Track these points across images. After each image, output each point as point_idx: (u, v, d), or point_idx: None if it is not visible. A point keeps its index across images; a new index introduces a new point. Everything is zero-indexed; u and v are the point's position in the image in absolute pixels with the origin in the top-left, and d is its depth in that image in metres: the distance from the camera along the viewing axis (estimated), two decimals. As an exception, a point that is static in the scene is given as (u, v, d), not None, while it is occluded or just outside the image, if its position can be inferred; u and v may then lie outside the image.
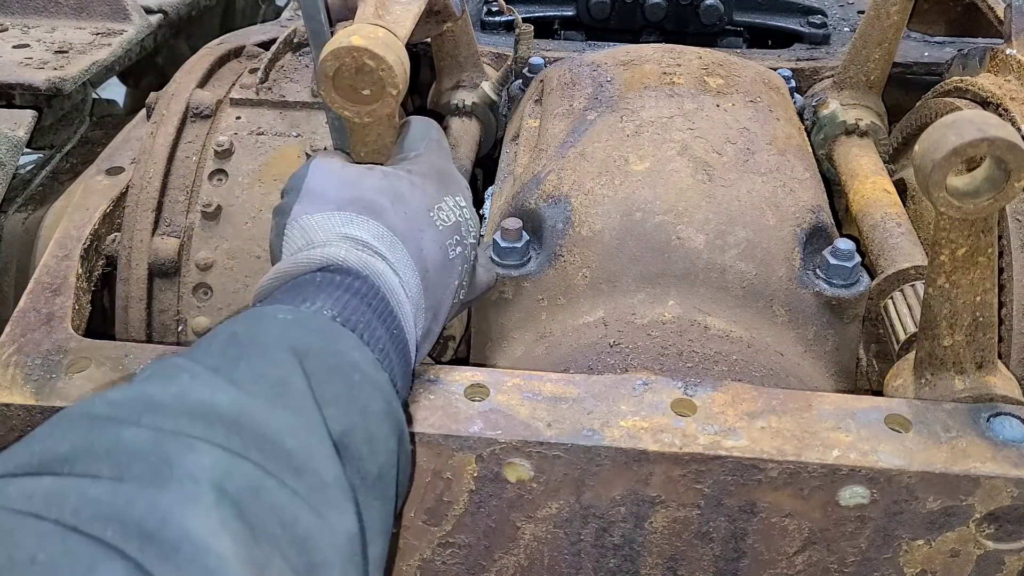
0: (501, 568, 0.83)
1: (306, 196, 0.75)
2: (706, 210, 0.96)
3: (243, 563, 0.48)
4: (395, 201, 0.76)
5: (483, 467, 0.78)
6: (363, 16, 0.81)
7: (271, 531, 0.51)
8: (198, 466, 0.51)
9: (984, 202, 0.72)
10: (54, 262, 1.02)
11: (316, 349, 0.63)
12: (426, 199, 0.78)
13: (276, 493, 0.53)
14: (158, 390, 0.55)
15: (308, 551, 0.53)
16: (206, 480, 0.50)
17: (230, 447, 0.53)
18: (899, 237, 1.08)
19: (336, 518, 0.56)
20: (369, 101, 0.78)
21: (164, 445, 0.51)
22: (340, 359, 0.64)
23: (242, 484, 0.51)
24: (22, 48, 1.42)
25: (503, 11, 1.49)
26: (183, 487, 0.49)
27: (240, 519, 0.50)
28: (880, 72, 1.29)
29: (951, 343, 0.83)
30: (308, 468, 0.56)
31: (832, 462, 0.75)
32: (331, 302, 0.68)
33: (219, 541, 0.48)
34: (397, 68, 0.76)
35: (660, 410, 0.79)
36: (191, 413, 0.54)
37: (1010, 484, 0.75)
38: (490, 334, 1.00)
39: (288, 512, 0.53)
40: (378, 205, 0.75)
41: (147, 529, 0.46)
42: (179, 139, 1.16)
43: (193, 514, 0.48)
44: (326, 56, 0.75)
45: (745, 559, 0.81)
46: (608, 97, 1.11)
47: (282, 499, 0.53)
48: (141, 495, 0.48)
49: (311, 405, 0.60)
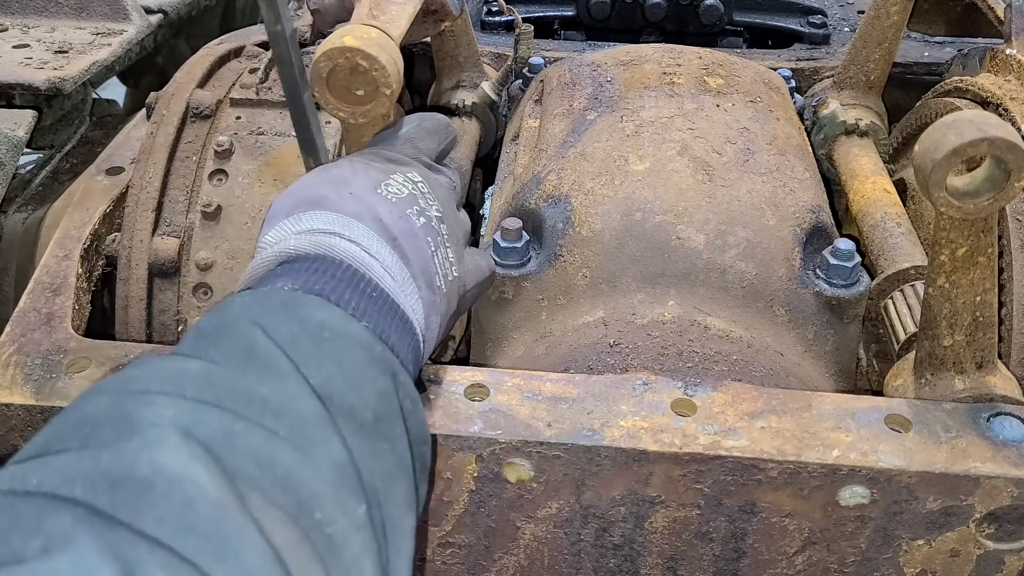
0: (501, 568, 0.83)
1: (266, 222, 0.76)
2: (706, 210, 0.96)
3: (222, 490, 0.47)
4: (337, 186, 0.75)
5: (483, 467, 0.78)
6: (358, 16, 0.81)
7: (248, 473, 0.50)
8: (159, 416, 0.50)
9: (984, 202, 0.72)
10: (54, 262, 1.02)
11: (277, 319, 0.62)
12: (369, 179, 0.77)
13: (248, 436, 0.52)
14: (129, 371, 0.56)
15: (292, 489, 0.52)
16: (169, 425, 0.49)
17: (197, 398, 0.53)
18: (899, 237, 1.08)
19: (320, 451, 0.55)
20: (363, 102, 0.78)
21: (125, 405, 0.51)
22: (305, 322, 0.63)
23: (209, 431, 0.50)
24: (22, 48, 1.42)
25: (503, 11, 1.49)
26: (146, 434, 0.48)
27: (211, 457, 0.49)
28: (880, 72, 1.29)
29: (951, 343, 0.83)
30: (285, 409, 0.55)
31: (832, 462, 0.75)
32: (290, 281, 0.67)
33: (193, 471, 0.47)
34: (390, 68, 0.76)
35: (660, 410, 0.79)
36: (159, 378, 0.54)
37: (1010, 484, 0.75)
38: (490, 334, 1.00)
39: (264, 453, 0.52)
40: (321, 196, 0.74)
41: (115, 477, 0.45)
42: (179, 139, 1.16)
43: (161, 452, 0.47)
44: (319, 57, 0.75)
45: (745, 559, 0.81)
46: (608, 97, 1.11)
47: (256, 441, 0.52)
48: (104, 452, 0.47)
49: (282, 359, 0.59)
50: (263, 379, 0.57)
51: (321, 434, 0.56)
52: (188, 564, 0.43)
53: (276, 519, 0.49)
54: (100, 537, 0.41)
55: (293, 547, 0.49)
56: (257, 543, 0.47)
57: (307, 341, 0.61)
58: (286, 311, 0.63)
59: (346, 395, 0.60)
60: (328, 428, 0.57)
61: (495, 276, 0.94)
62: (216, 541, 0.44)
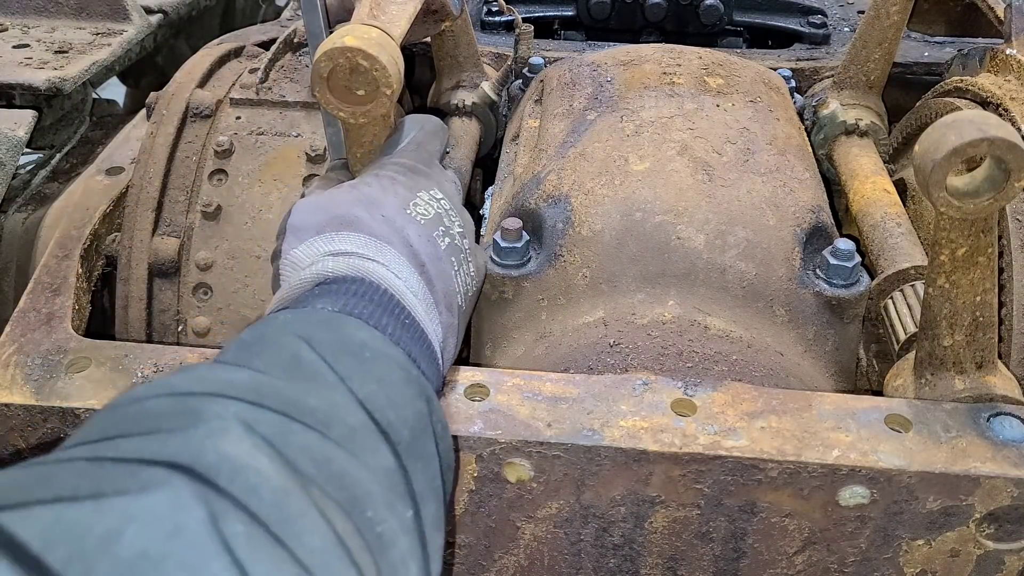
0: (501, 568, 0.83)
1: (291, 233, 0.77)
2: (706, 210, 0.96)
3: (284, 479, 0.49)
4: (369, 208, 0.77)
5: (483, 467, 0.78)
6: (358, 16, 0.81)
7: (305, 469, 0.51)
8: (224, 410, 0.52)
9: (984, 202, 0.72)
10: (54, 262, 1.02)
11: (321, 335, 0.64)
12: (398, 199, 0.78)
13: (304, 435, 0.54)
14: (175, 378, 0.57)
15: (347, 486, 0.53)
16: (233, 418, 0.51)
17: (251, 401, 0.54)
18: (899, 237, 1.08)
19: (370, 457, 0.57)
20: (364, 101, 0.78)
21: (188, 403, 0.52)
22: (347, 342, 0.64)
23: (268, 428, 0.52)
24: (22, 48, 1.42)
25: (503, 11, 1.49)
26: (211, 424, 0.50)
27: (272, 450, 0.50)
28: (880, 72, 1.29)
29: (951, 343, 0.83)
30: (335, 419, 0.57)
31: (832, 462, 0.75)
32: (330, 302, 0.69)
33: (256, 460, 0.48)
34: (391, 68, 0.76)
35: (660, 410, 0.79)
36: (210, 384, 0.55)
37: (1010, 484, 0.75)
38: (490, 334, 1.00)
39: (320, 451, 0.53)
40: (353, 216, 0.76)
41: (183, 464, 0.46)
42: (179, 139, 1.16)
43: (226, 442, 0.49)
44: (320, 57, 0.75)
45: (745, 559, 0.81)
46: (608, 97, 1.11)
47: (311, 440, 0.54)
48: (172, 439, 0.48)
49: (328, 372, 0.60)
50: (310, 390, 0.58)
51: (370, 442, 0.58)
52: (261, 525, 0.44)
53: (334, 510, 0.51)
54: (191, 485, 0.44)
55: (350, 537, 0.50)
56: (320, 527, 0.48)
57: (349, 358, 0.63)
58: (329, 328, 0.65)
59: (386, 412, 0.61)
60: (376, 437, 0.59)
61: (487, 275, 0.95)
62: (280, 524, 0.45)
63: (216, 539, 0.41)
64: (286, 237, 0.77)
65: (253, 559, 0.42)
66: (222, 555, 0.40)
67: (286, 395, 0.56)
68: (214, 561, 0.40)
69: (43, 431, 0.82)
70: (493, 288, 0.97)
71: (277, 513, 0.46)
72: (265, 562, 0.43)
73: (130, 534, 0.39)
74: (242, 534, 0.43)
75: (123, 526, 0.39)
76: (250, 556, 0.42)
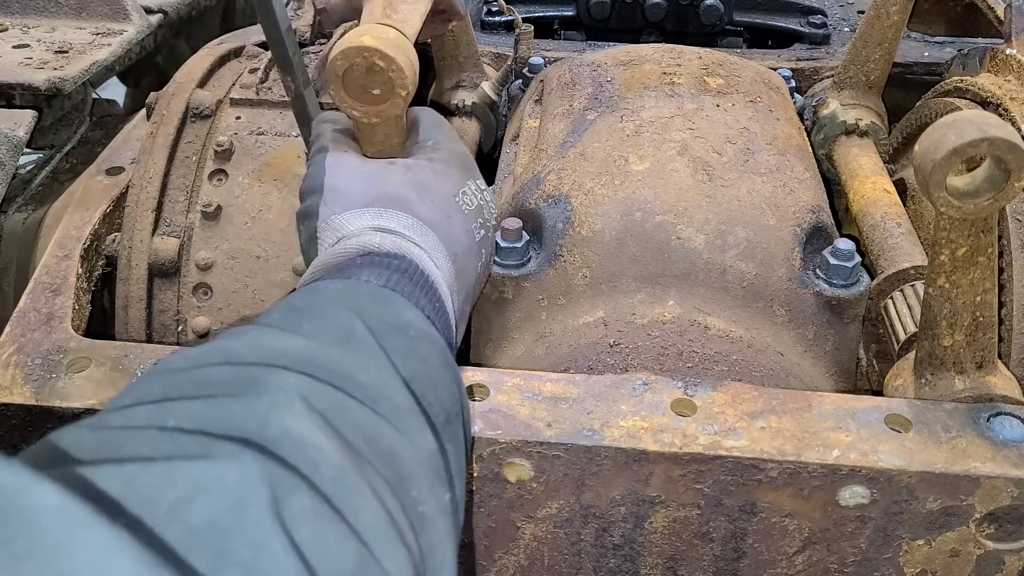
0: (501, 568, 0.83)
1: (331, 196, 0.77)
2: (706, 210, 0.96)
3: (342, 456, 0.49)
4: (421, 192, 0.78)
5: (483, 467, 0.78)
6: (371, 15, 0.81)
7: (358, 445, 0.52)
8: (285, 382, 0.52)
9: (984, 202, 0.72)
10: (54, 262, 1.02)
11: (371, 309, 0.64)
12: (450, 185, 0.80)
13: (358, 412, 0.54)
14: (230, 342, 0.58)
15: (395, 464, 0.54)
16: (294, 392, 0.51)
17: (309, 374, 0.54)
18: (899, 237, 1.07)
19: (416, 436, 0.58)
20: (378, 102, 0.78)
21: (249, 372, 0.53)
22: (395, 318, 0.65)
23: (325, 404, 0.53)
24: (22, 48, 1.42)
25: (503, 11, 1.49)
26: (274, 396, 0.51)
27: (329, 427, 0.51)
28: (880, 72, 1.29)
29: (951, 343, 0.83)
30: (383, 397, 0.57)
31: (832, 462, 0.75)
32: (375, 275, 0.70)
33: (316, 436, 0.49)
34: (407, 69, 0.76)
35: (660, 410, 0.79)
36: (267, 354, 0.56)
37: (1010, 484, 0.75)
38: (490, 334, 1.00)
39: (372, 428, 0.54)
40: (405, 198, 0.76)
41: (248, 430, 0.46)
42: (179, 139, 1.16)
43: (288, 416, 0.49)
44: (336, 56, 0.75)
45: (745, 559, 0.81)
46: (608, 97, 1.11)
47: (365, 417, 0.55)
48: (237, 404, 0.49)
49: (377, 349, 0.61)
50: (361, 364, 0.59)
51: (415, 422, 0.59)
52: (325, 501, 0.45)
53: (384, 488, 0.52)
54: (259, 460, 0.44)
55: (398, 515, 0.51)
56: (374, 506, 0.49)
57: (397, 335, 0.64)
58: (377, 303, 0.66)
59: (427, 393, 0.62)
60: (420, 419, 0.60)
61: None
62: (341, 500, 0.46)
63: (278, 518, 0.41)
64: (324, 199, 0.77)
65: (316, 535, 0.42)
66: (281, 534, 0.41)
67: (340, 369, 0.57)
68: (275, 539, 0.40)
69: (43, 431, 0.82)
70: (493, 288, 0.97)
71: (337, 490, 0.46)
72: (329, 538, 0.43)
73: (200, 503, 0.39)
74: (309, 509, 0.44)
75: (194, 495, 0.40)
76: (314, 532, 0.42)
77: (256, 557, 0.39)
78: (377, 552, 0.46)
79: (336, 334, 0.61)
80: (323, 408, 0.52)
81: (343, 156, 0.80)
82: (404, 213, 0.76)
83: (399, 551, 0.49)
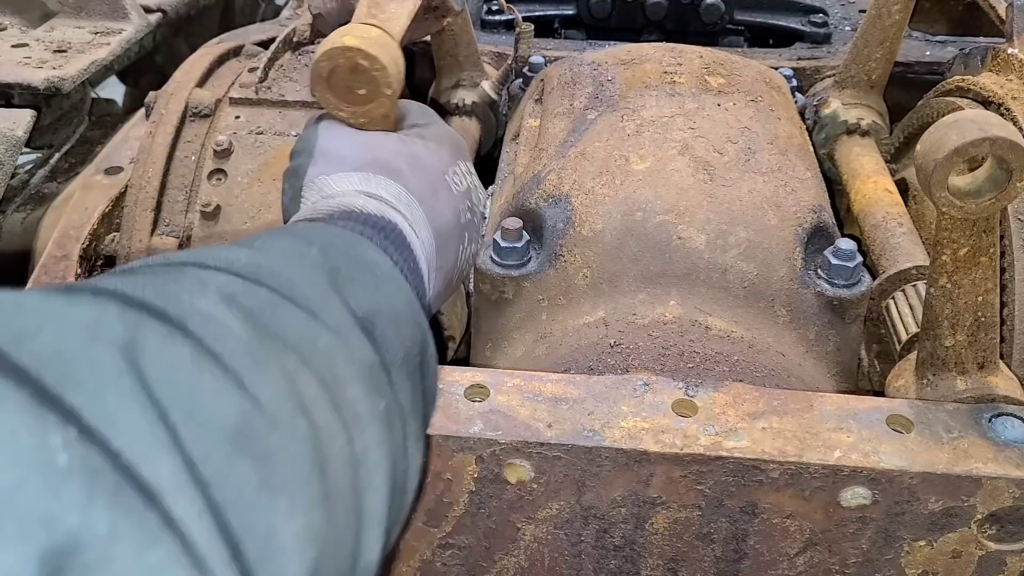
0: (501, 569, 0.83)
1: (321, 157, 0.76)
2: (707, 210, 0.96)
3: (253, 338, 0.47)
4: (412, 163, 0.77)
5: (483, 468, 0.78)
6: (357, 15, 0.81)
7: (289, 340, 0.49)
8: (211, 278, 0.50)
9: (986, 202, 0.72)
10: (53, 262, 1.01)
11: (338, 244, 0.63)
12: (441, 162, 0.80)
13: (293, 313, 0.52)
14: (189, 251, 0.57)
15: (329, 363, 0.52)
16: (214, 288, 0.49)
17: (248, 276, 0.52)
18: (901, 237, 1.07)
19: (355, 347, 0.55)
20: (365, 101, 0.78)
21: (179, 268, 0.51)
22: (361, 256, 0.64)
23: (256, 302, 0.50)
24: (21, 47, 1.42)
25: (503, 10, 1.49)
26: (191, 283, 0.48)
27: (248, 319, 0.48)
28: (881, 71, 1.29)
29: (953, 343, 0.82)
30: (325, 310, 0.55)
31: (833, 463, 0.75)
32: (351, 225, 0.68)
33: (228, 318, 0.47)
34: (391, 68, 0.75)
35: (661, 411, 0.79)
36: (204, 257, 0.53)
37: (1012, 485, 0.74)
38: (490, 334, 1.00)
39: (306, 330, 0.52)
40: (395, 166, 0.76)
41: (150, 304, 0.44)
42: (178, 138, 1.16)
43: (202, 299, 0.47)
44: (320, 57, 0.75)
45: (746, 560, 0.80)
46: (609, 96, 1.11)
47: (300, 318, 0.52)
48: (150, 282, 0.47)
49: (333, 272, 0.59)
50: (306, 279, 0.56)
51: (356, 337, 0.56)
52: (214, 358, 0.42)
53: (308, 380, 0.49)
54: (121, 307, 0.42)
55: (320, 404, 0.49)
56: (280, 384, 0.46)
57: (362, 269, 0.62)
58: (346, 242, 0.65)
59: (385, 329, 0.60)
60: (362, 335, 0.57)
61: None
62: (236, 365, 0.44)
63: (128, 356, 0.39)
64: (314, 159, 0.76)
65: (181, 381, 0.40)
66: (130, 372, 0.38)
67: (282, 275, 0.55)
68: (124, 376, 0.38)
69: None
70: (493, 288, 0.96)
71: (235, 358, 0.44)
72: (205, 388, 0.41)
73: (47, 333, 0.38)
74: (184, 358, 0.41)
75: (42, 324, 0.38)
76: (178, 378, 0.40)
77: (101, 387, 0.37)
78: (278, 418, 0.44)
79: (288, 252, 0.59)
80: (252, 305, 0.49)
81: (338, 123, 0.80)
82: (392, 181, 0.75)
83: (301, 423, 0.46)
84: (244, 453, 0.41)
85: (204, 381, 0.42)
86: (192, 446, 0.38)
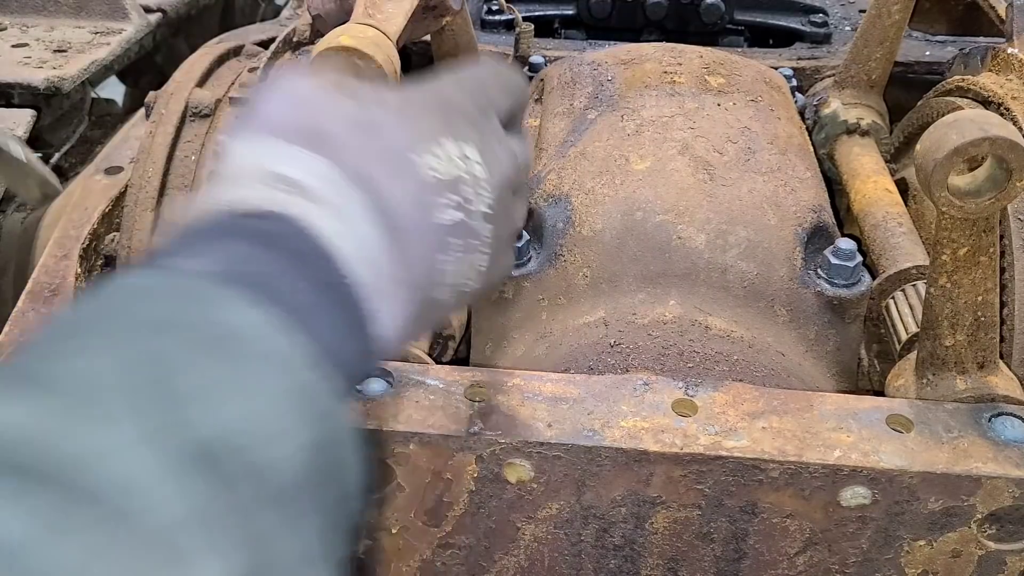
0: (501, 569, 0.83)
1: (248, 113, 0.56)
2: (707, 209, 0.96)
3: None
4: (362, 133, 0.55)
5: (483, 467, 0.78)
6: (354, 15, 0.81)
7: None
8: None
9: (986, 201, 0.72)
10: (53, 262, 1.01)
11: (174, 322, 0.44)
12: (408, 136, 0.57)
13: (61, 549, 0.33)
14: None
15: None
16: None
17: (16, 471, 0.35)
18: (900, 237, 1.07)
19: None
20: None
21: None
22: (211, 330, 0.44)
23: (33, 521, 0.33)
24: (21, 47, 1.42)
25: (503, 10, 1.49)
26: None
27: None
28: (881, 71, 1.29)
29: (953, 343, 0.82)
30: (128, 512, 0.35)
31: (833, 462, 0.75)
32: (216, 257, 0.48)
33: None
34: (387, 67, 0.76)
35: (661, 410, 0.79)
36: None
37: (1012, 484, 0.74)
38: (490, 334, 1.00)
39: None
40: (332, 135, 0.54)
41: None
42: (178, 138, 1.16)
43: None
44: (315, 57, 0.75)
45: (746, 560, 0.80)
46: (608, 96, 1.11)
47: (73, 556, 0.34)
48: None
49: (151, 406, 0.40)
50: (101, 448, 0.37)
51: (186, 549, 0.37)
52: None
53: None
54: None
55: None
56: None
57: (207, 362, 0.42)
58: (187, 311, 0.45)
59: (252, 451, 0.41)
60: (203, 537, 0.37)
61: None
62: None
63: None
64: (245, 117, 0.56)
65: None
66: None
67: (63, 463, 0.36)
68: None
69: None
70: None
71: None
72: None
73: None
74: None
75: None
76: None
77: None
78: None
79: (89, 384, 0.40)
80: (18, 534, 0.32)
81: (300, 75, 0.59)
82: (320, 157, 0.53)
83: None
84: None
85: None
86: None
